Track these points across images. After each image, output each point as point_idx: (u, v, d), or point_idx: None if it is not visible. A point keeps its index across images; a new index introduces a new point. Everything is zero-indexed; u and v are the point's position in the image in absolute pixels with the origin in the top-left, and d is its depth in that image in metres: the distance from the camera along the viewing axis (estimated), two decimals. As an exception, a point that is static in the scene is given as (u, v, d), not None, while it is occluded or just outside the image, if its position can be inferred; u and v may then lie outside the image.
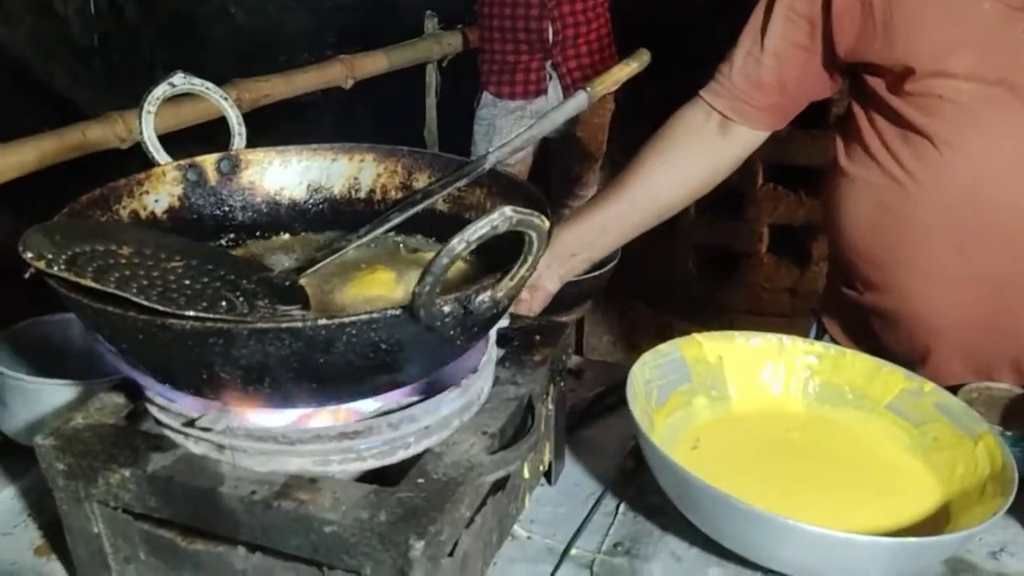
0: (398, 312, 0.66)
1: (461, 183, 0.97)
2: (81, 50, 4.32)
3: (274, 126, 2.05)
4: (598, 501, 1.04)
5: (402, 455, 0.78)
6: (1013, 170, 1.07)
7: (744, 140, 1.27)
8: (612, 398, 1.22)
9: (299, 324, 0.64)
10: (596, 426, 1.19)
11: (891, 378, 1.08)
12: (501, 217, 0.61)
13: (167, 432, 0.82)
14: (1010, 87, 1.05)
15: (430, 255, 0.94)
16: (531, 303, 1.23)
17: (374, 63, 2.83)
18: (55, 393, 1.08)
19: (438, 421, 0.80)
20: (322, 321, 0.64)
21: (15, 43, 2.69)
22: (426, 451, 0.79)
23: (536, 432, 0.83)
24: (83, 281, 0.68)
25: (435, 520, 0.70)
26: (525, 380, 0.90)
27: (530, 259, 0.68)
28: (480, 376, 0.84)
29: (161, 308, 0.65)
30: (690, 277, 3.57)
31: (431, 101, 3.25)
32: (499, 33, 2.63)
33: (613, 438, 1.16)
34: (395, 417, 0.77)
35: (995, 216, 1.08)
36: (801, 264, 3.39)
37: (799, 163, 3.11)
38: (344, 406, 0.78)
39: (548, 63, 2.65)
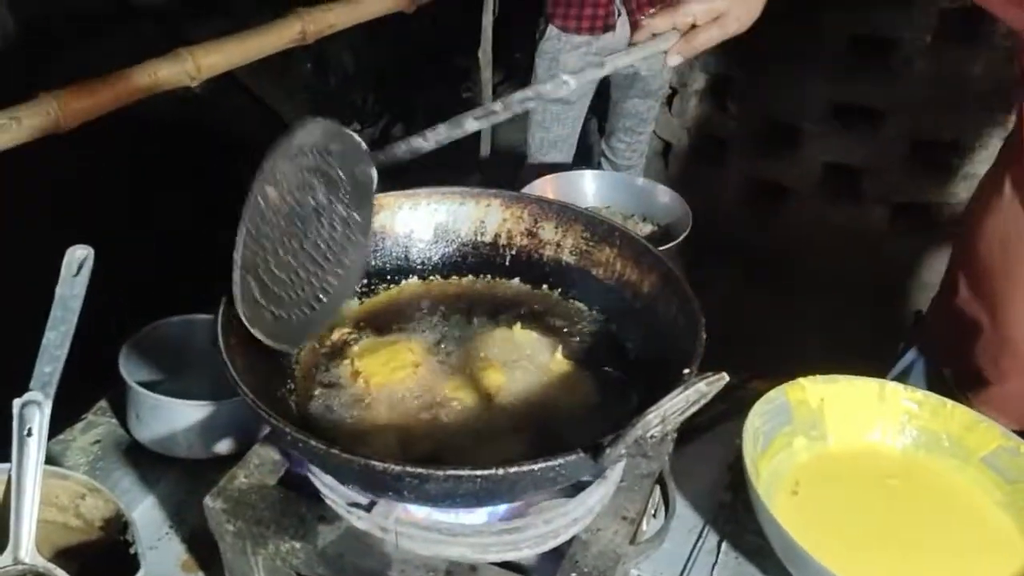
0: (583, 456, 0.70)
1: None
2: None
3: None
4: (700, 536, 1.11)
5: (552, 544, 0.84)
6: None
7: None
8: (702, 418, 1.27)
9: (492, 471, 0.68)
10: (691, 448, 1.24)
11: (989, 433, 1.12)
12: (697, 394, 0.65)
13: (330, 503, 0.88)
14: None
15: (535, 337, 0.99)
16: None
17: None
18: (186, 412, 1.14)
19: (584, 510, 0.85)
20: (513, 469, 0.68)
21: None
22: (573, 538, 0.85)
23: (672, 517, 0.89)
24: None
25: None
26: (654, 453, 0.95)
27: (703, 401, 0.71)
28: (622, 463, 0.89)
29: (376, 464, 0.69)
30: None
31: (487, 20, 3.15)
32: (569, -37, 2.53)
33: (709, 462, 1.21)
34: (550, 515, 0.82)
35: None
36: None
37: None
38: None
39: (618, -3, 2.56)
